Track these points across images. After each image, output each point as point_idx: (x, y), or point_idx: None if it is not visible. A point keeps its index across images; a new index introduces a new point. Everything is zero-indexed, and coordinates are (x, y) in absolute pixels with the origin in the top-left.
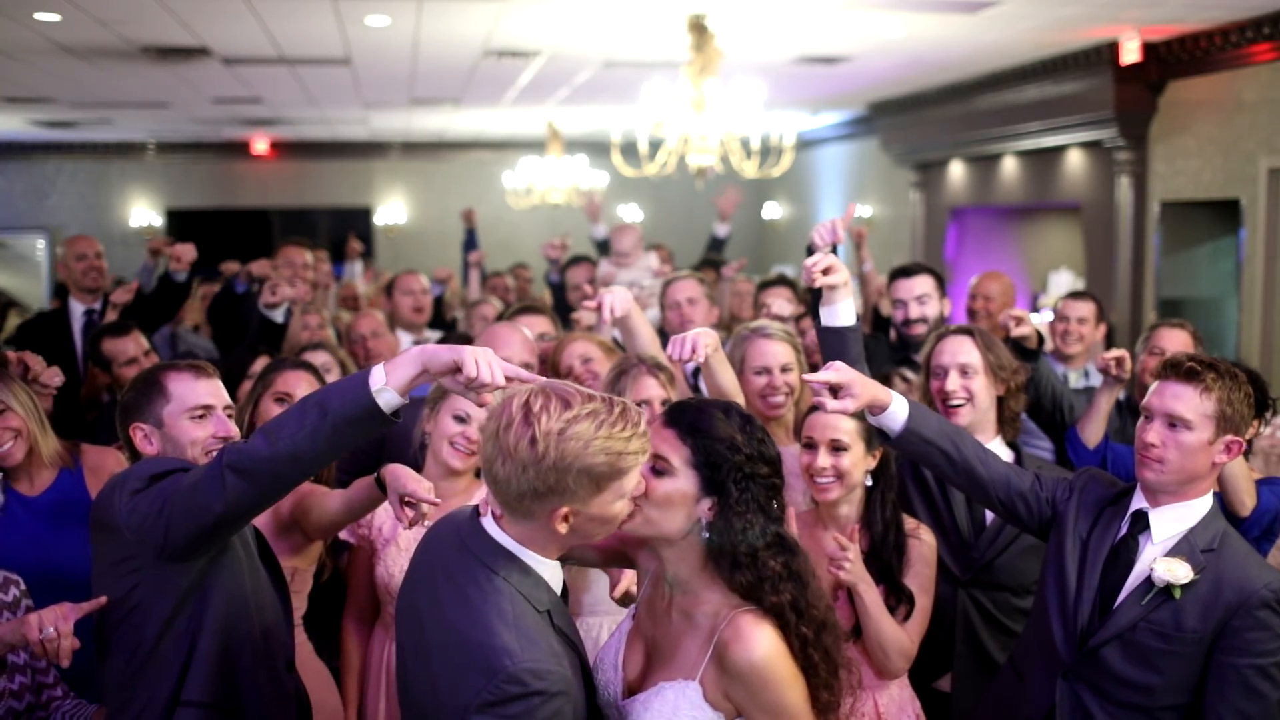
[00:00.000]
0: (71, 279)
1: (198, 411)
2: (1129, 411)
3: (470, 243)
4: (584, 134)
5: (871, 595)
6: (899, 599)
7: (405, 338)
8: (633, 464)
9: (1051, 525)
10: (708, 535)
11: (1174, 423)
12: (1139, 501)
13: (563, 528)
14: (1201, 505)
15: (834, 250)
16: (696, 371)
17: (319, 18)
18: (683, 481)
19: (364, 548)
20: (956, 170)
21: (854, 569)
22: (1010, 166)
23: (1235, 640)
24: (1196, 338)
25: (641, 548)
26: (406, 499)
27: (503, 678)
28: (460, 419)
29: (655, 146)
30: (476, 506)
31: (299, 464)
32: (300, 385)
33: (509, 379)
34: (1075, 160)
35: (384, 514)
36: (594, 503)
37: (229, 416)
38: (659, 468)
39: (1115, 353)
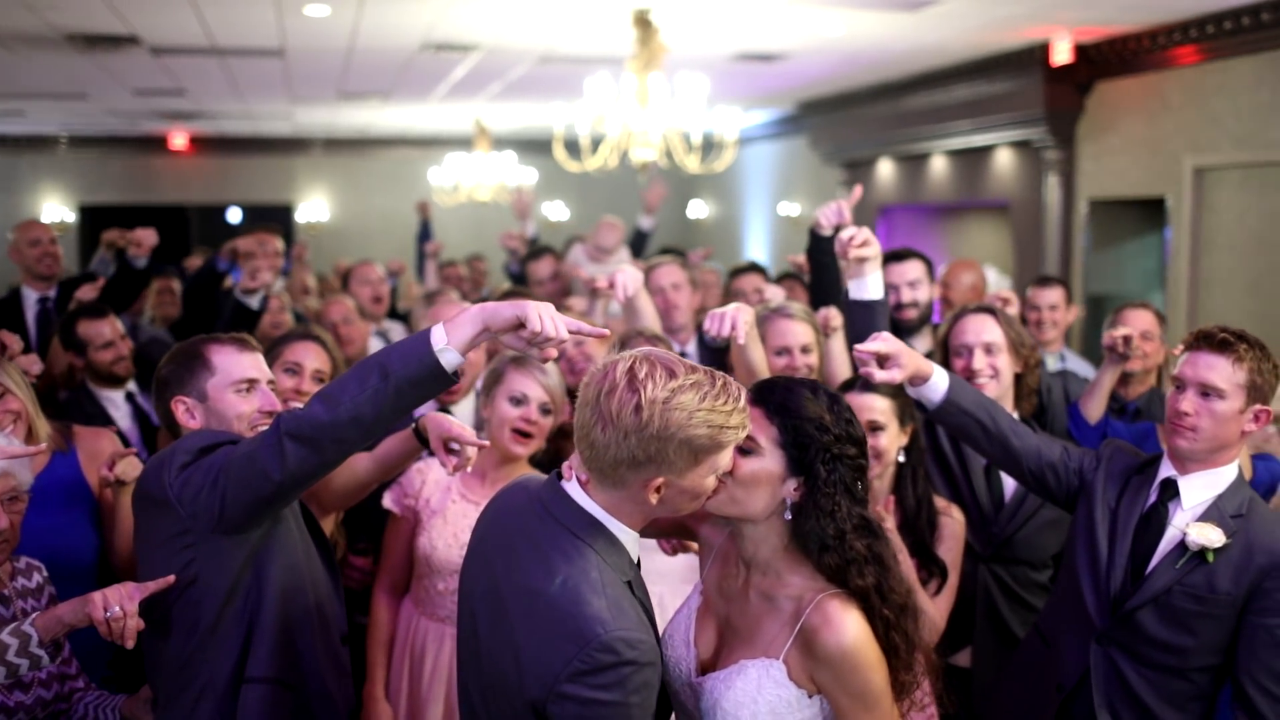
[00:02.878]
0: (24, 265)
1: (243, 385)
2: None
3: (424, 234)
4: (512, 131)
5: (906, 567)
6: (930, 572)
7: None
8: (732, 438)
9: (1079, 495)
10: (791, 516)
11: (1207, 392)
12: (1167, 470)
13: (654, 498)
14: (1229, 472)
15: (836, 234)
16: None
17: (258, 7)
18: (769, 461)
19: (407, 518)
20: (885, 169)
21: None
22: (939, 165)
23: (1267, 601)
24: (1160, 317)
25: (704, 523)
26: (450, 444)
27: (596, 646)
28: (518, 400)
29: (595, 142)
30: (557, 471)
31: (360, 428)
32: (309, 356)
33: (571, 332)
34: (1004, 159)
35: (433, 484)
36: (689, 475)
37: (272, 389)
38: (746, 446)
39: (1122, 331)
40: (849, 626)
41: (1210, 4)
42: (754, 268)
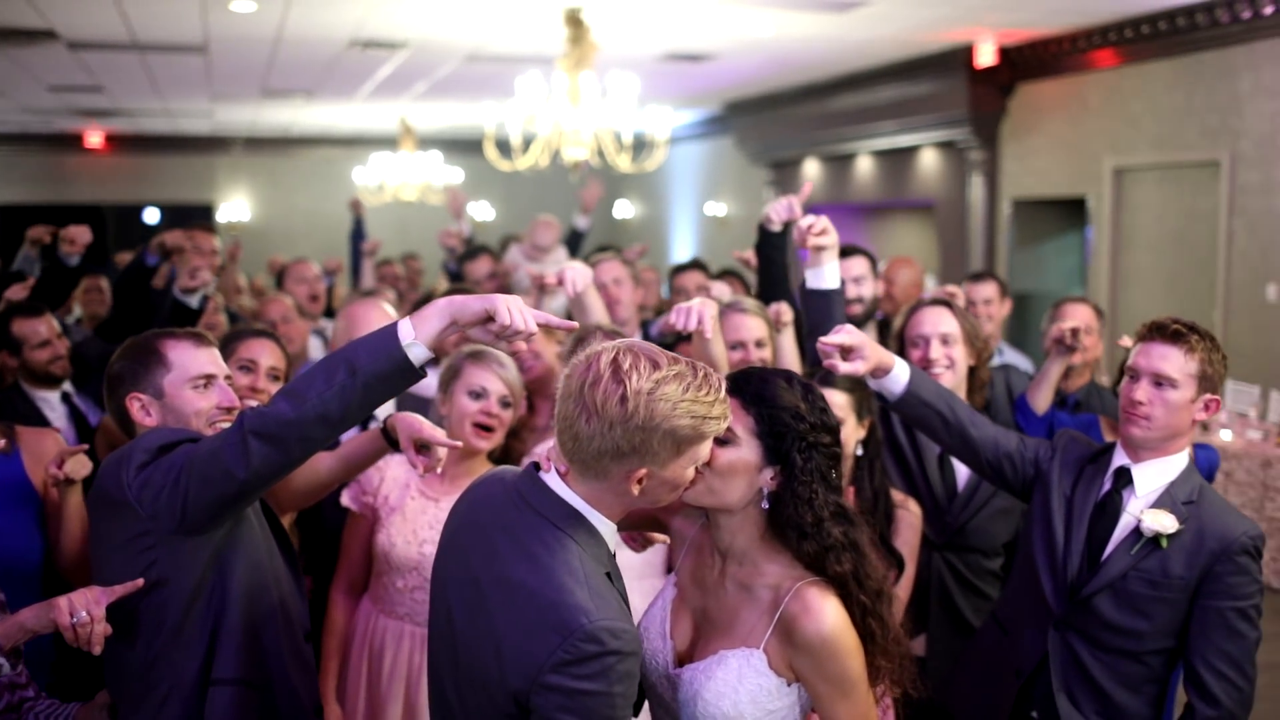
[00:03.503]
0: None
1: (200, 381)
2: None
3: (358, 233)
4: (437, 130)
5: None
6: (889, 563)
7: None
8: (714, 429)
9: (1035, 485)
10: (768, 505)
11: (1160, 381)
12: (1120, 458)
13: (635, 489)
14: (1180, 460)
15: (786, 231)
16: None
17: (182, 2)
18: (746, 451)
19: (365, 515)
20: (811, 169)
21: None
22: (865, 165)
23: (1218, 585)
24: (1098, 311)
25: (676, 515)
26: (421, 445)
27: (580, 636)
28: (477, 394)
29: (527, 141)
30: (535, 463)
31: (327, 425)
32: (265, 353)
33: (540, 325)
34: (929, 159)
35: (391, 481)
36: (671, 466)
37: (229, 385)
38: (723, 436)
39: (1070, 324)
40: (828, 613)
41: (1128, 9)
42: (696, 265)
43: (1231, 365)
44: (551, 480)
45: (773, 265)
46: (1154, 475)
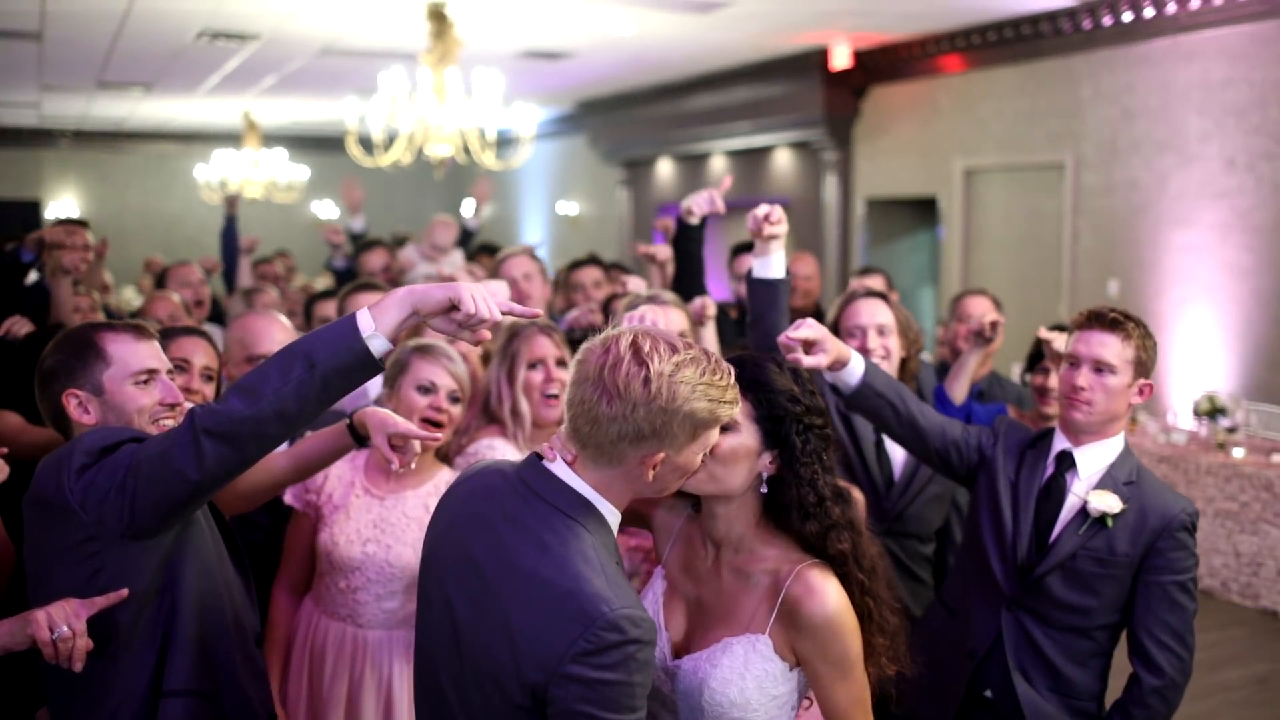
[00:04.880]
0: None
1: (142, 376)
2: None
3: (230, 230)
4: (282, 126)
5: None
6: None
7: None
8: (727, 414)
9: (979, 470)
10: (766, 490)
11: (1100, 368)
12: (1061, 443)
13: (650, 475)
14: (1117, 443)
15: (703, 224)
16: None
17: None
18: (746, 436)
19: (308, 514)
20: (665, 168)
21: None
22: (719, 165)
23: (1160, 560)
24: (996, 302)
25: (658, 508)
26: (395, 440)
27: (601, 624)
28: (426, 389)
29: (389, 138)
30: (536, 453)
31: (284, 421)
32: (198, 352)
33: (505, 313)
34: (783, 159)
35: (334, 479)
36: (685, 451)
37: (171, 379)
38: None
39: (992, 317)
40: (831, 594)
41: (976, 16)
42: (594, 260)
43: None
44: (559, 469)
45: (690, 259)
46: (1095, 458)
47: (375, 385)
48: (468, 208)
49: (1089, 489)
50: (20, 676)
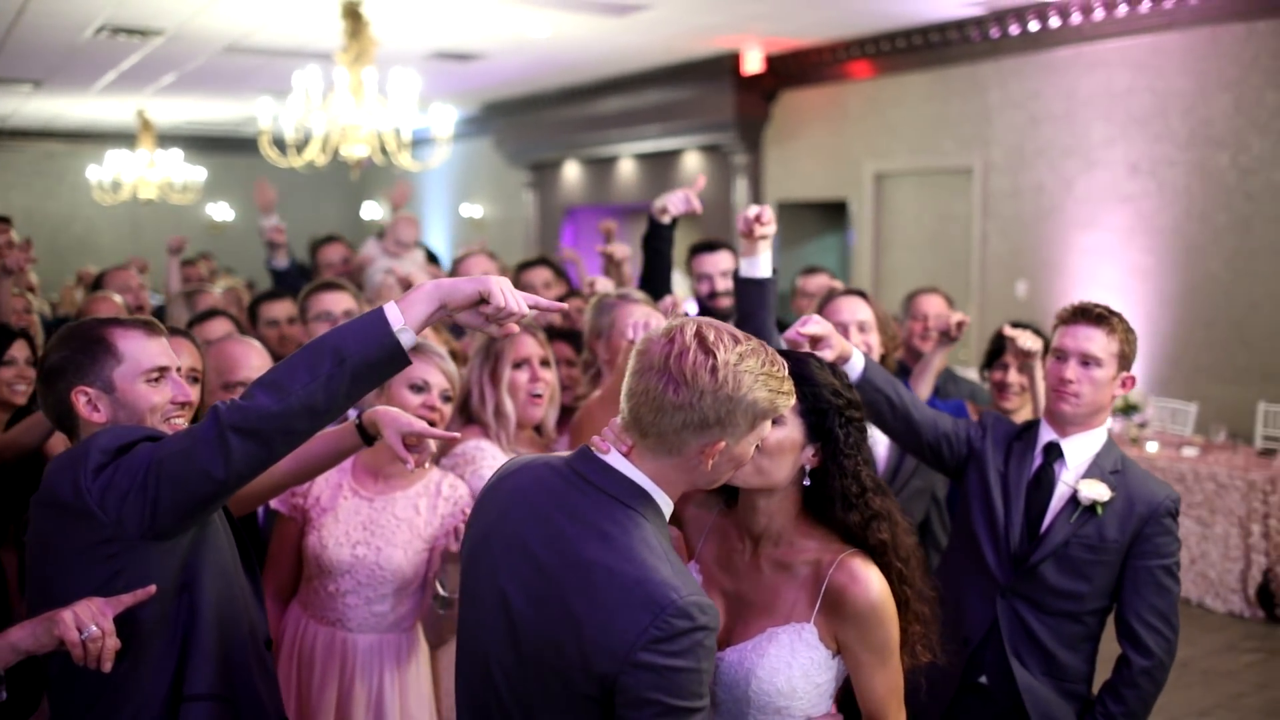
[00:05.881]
0: None
1: (154, 374)
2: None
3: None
4: (177, 125)
5: None
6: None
7: None
8: (785, 405)
9: (968, 463)
10: (809, 482)
11: (1087, 361)
12: (1048, 434)
13: (708, 464)
14: (1101, 434)
15: (674, 224)
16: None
17: None
18: (792, 429)
19: (295, 518)
20: (572, 171)
21: None
22: (627, 168)
23: (1147, 545)
24: (948, 299)
25: (690, 503)
26: (409, 439)
27: (672, 611)
28: (419, 388)
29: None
30: (585, 446)
31: (314, 416)
32: (183, 353)
33: (531, 307)
34: (693, 162)
35: (322, 481)
36: (743, 441)
37: (180, 376)
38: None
39: (958, 316)
40: (874, 582)
41: (885, 24)
42: (544, 261)
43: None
44: (615, 460)
45: (660, 257)
46: (1082, 448)
47: None
48: (369, 210)
49: (1077, 478)
50: (26, 682)
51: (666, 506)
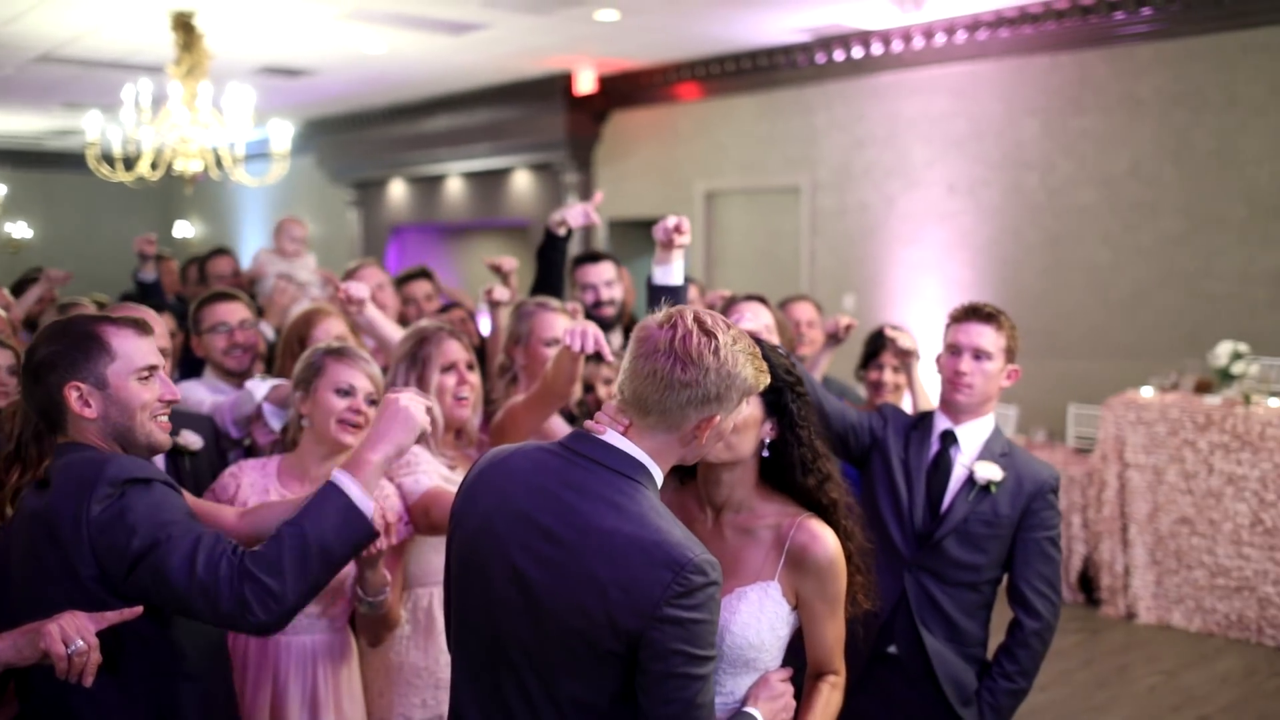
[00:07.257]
0: None
1: (144, 372)
2: None
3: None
4: None
5: None
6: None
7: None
8: (764, 382)
9: (872, 451)
10: (767, 454)
11: (979, 354)
12: (943, 423)
13: (703, 438)
14: (990, 421)
15: (569, 236)
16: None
17: None
18: (754, 407)
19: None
20: (398, 189)
21: None
22: (455, 186)
23: (1034, 519)
24: (817, 306)
25: None
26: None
27: (690, 568)
28: (345, 392)
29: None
30: (578, 429)
31: (314, 592)
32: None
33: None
34: (523, 181)
35: (248, 487)
36: (730, 417)
37: (167, 375)
38: None
39: (846, 320)
40: (830, 539)
41: (713, 47)
42: (424, 273)
43: None
44: (613, 438)
45: (554, 267)
46: (974, 434)
47: (263, 388)
48: (181, 229)
49: (972, 461)
50: None
51: (660, 478)
